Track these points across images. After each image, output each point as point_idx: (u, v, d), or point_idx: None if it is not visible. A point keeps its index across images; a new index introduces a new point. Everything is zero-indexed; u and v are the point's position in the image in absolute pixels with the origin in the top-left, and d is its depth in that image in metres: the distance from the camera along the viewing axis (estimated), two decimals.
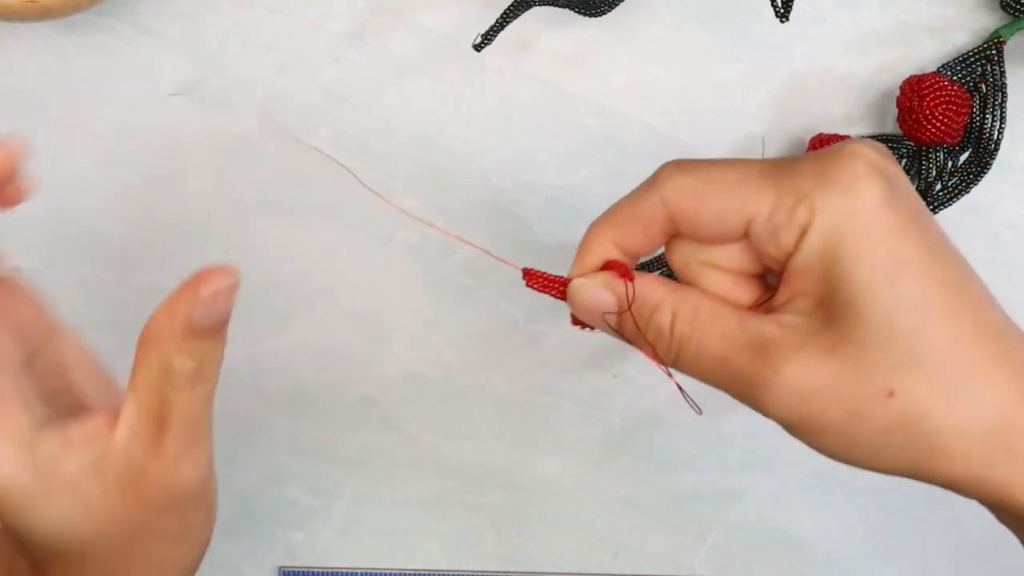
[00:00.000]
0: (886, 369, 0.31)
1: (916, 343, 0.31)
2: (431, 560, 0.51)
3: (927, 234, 0.32)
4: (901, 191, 0.32)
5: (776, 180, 0.33)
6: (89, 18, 0.44)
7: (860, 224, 0.31)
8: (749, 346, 0.33)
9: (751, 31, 0.45)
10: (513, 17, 0.40)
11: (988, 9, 0.45)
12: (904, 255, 0.31)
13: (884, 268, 0.31)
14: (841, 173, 0.32)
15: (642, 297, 0.35)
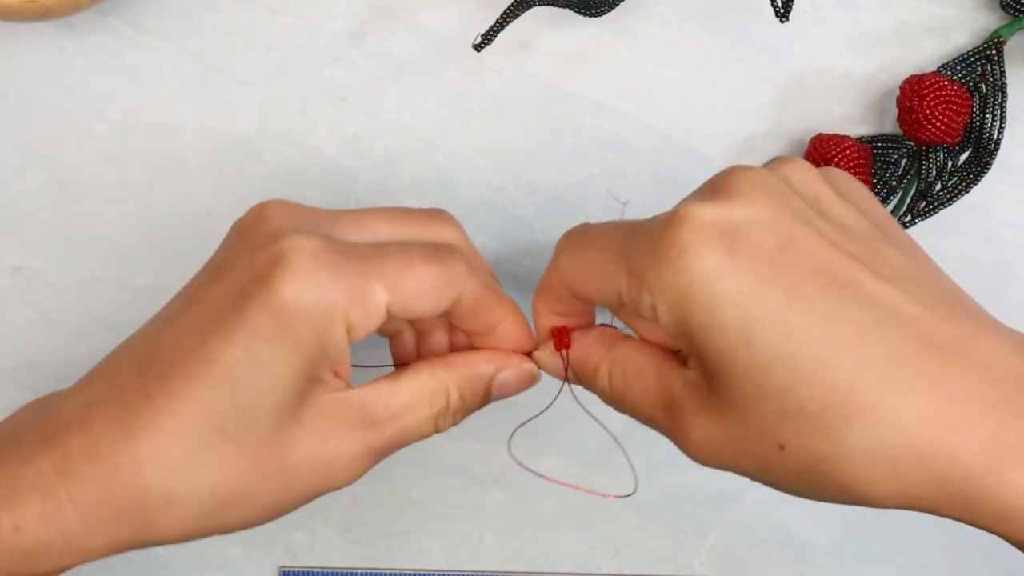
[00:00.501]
0: (768, 425, 0.31)
1: (789, 397, 0.30)
2: (431, 560, 0.51)
3: (783, 278, 0.30)
4: (747, 241, 0.30)
5: (625, 258, 0.33)
6: (89, 18, 0.44)
7: (699, 298, 0.30)
8: (663, 406, 0.34)
9: (751, 31, 0.45)
10: (513, 17, 0.40)
11: (988, 9, 0.45)
12: (752, 316, 0.30)
13: (735, 335, 0.30)
14: (669, 249, 0.30)
15: (581, 362, 0.37)
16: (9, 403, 0.48)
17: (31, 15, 0.40)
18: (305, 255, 0.31)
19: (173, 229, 0.47)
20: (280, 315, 0.31)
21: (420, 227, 0.36)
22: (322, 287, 0.31)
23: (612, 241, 0.34)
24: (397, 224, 0.36)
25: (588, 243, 0.35)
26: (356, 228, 0.35)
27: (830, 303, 0.30)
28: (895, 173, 0.46)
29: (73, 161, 0.46)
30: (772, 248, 0.30)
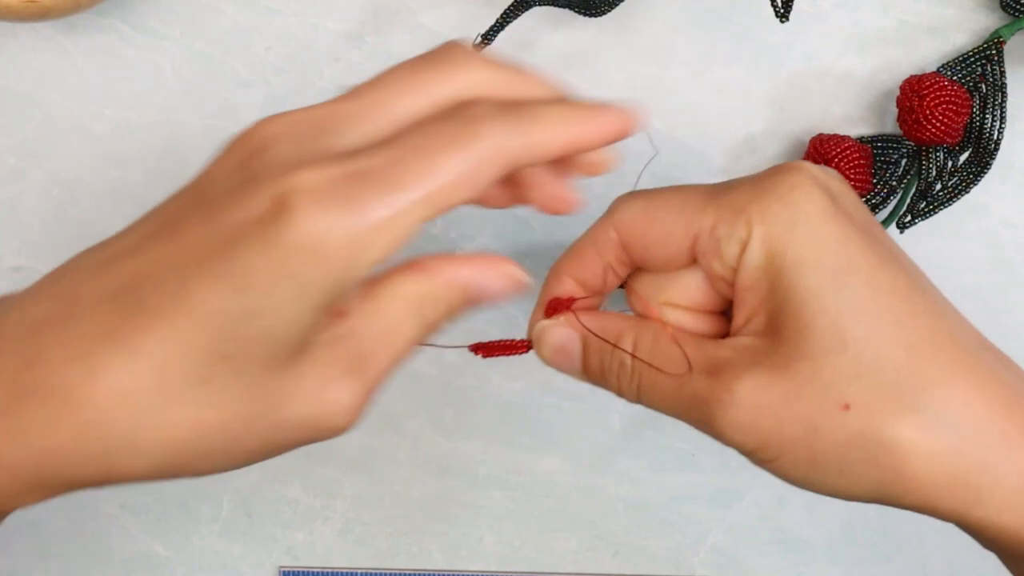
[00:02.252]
0: (840, 380, 0.30)
1: (867, 351, 0.30)
2: (431, 560, 0.51)
3: (874, 243, 0.32)
4: (846, 203, 0.32)
5: (716, 197, 0.33)
6: (89, 18, 0.44)
7: (801, 232, 0.31)
8: (704, 369, 0.32)
9: (751, 31, 0.45)
10: (513, 17, 0.40)
11: (988, 9, 0.45)
12: (849, 261, 0.31)
13: (829, 274, 0.31)
14: (778, 184, 0.32)
15: (604, 330, 0.34)
16: None
17: (31, 15, 0.40)
18: (312, 196, 0.27)
19: None
20: (285, 264, 0.27)
21: (434, 86, 0.31)
22: (337, 230, 0.27)
23: (691, 190, 0.34)
24: (407, 94, 0.31)
25: (661, 192, 0.34)
26: (364, 121, 0.31)
27: (910, 276, 0.32)
28: (895, 173, 0.46)
29: (73, 161, 0.46)
30: (865, 216, 0.33)
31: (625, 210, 0.34)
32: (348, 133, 0.30)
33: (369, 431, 0.49)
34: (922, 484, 0.30)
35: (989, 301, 0.48)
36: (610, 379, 0.35)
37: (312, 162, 0.28)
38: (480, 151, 0.29)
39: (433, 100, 0.31)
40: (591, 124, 0.31)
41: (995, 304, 0.49)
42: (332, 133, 0.30)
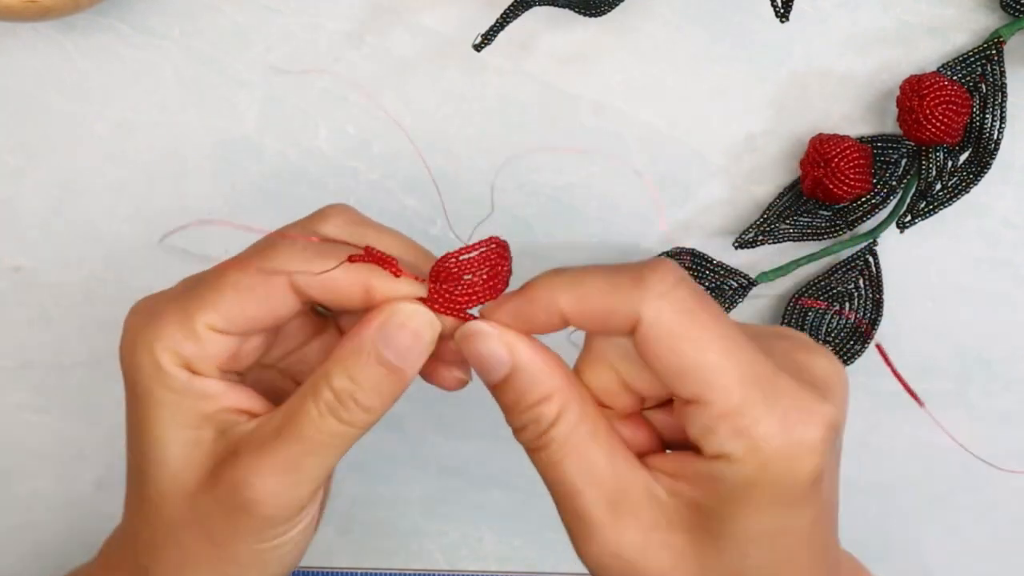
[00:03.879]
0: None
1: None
2: (431, 560, 0.51)
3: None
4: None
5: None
6: (89, 18, 0.44)
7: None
8: (605, 498, 0.31)
9: (751, 31, 0.45)
10: (513, 17, 0.40)
11: (988, 9, 0.45)
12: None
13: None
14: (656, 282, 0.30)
15: (533, 376, 0.31)
16: (9, 403, 0.48)
17: (31, 15, 0.40)
18: (128, 322, 0.34)
19: (173, 229, 0.47)
20: (131, 384, 0.33)
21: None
22: (138, 334, 0.33)
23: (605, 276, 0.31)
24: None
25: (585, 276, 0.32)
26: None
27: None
28: (895, 173, 0.46)
29: (73, 161, 0.46)
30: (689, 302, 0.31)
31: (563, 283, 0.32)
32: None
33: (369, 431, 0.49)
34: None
35: (989, 301, 0.48)
36: (510, 414, 0.33)
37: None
38: (275, 263, 0.32)
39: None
40: (393, 312, 0.32)
41: (995, 304, 0.49)
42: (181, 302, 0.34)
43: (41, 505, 0.49)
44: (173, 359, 0.32)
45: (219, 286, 0.32)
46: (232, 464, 0.32)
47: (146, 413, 0.33)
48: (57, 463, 0.49)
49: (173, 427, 0.32)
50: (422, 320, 0.32)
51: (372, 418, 0.32)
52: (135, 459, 0.34)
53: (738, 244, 0.46)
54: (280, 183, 0.46)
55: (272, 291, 0.32)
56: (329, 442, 0.32)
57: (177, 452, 0.32)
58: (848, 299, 0.47)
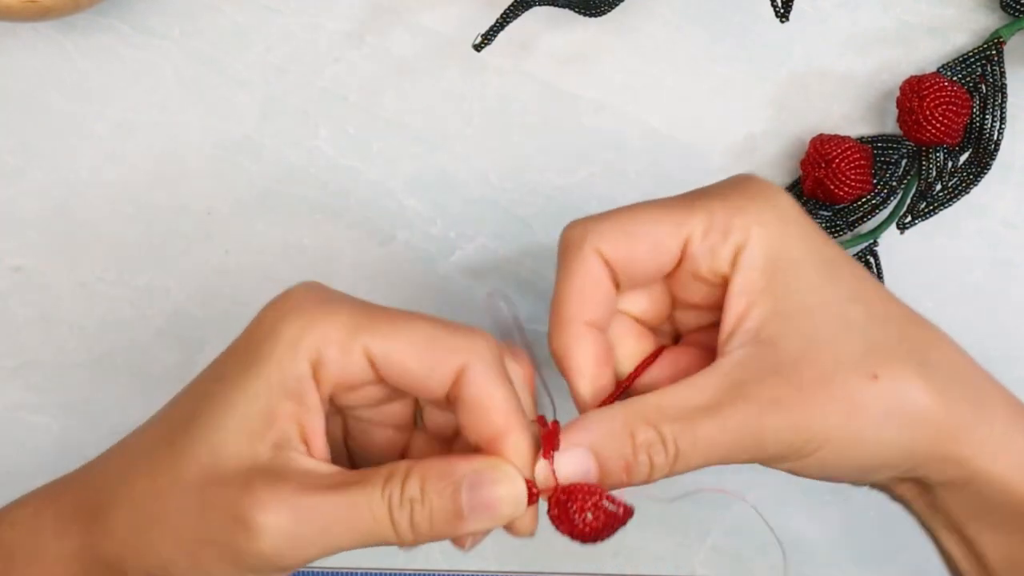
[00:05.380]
0: (859, 356, 0.32)
1: (871, 329, 0.33)
2: (431, 560, 0.51)
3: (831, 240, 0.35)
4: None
5: (701, 204, 0.34)
6: (89, 18, 0.44)
7: (794, 233, 0.34)
8: (729, 396, 0.33)
9: (751, 31, 0.45)
10: (513, 17, 0.40)
11: (988, 9, 0.45)
12: (833, 255, 0.34)
13: (823, 269, 0.33)
14: (763, 189, 0.34)
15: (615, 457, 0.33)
16: (9, 403, 0.48)
17: (31, 15, 0.40)
18: (292, 299, 0.32)
19: (173, 229, 0.47)
20: (252, 340, 0.32)
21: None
22: (299, 306, 0.32)
23: (662, 203, 0.35)
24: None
25: (631, 211, 0.35)
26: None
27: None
28: (895, 173, 0.46)
29: (73, 161, 0.46)
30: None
31: (602, 235, 0.34)
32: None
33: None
34: (944, 437, 0.33)
35: (989, 301, 0.48)
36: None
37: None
38: (455, 342, 0.33)
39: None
40: (492, 470, 0.32)
41: (995, 304, 0.49)
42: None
43: None
44: (310, 352, 0.31)
45: (403, 326, 0.32)
46: (273, 484, 0.31)
47: (248, 381, 0.31)
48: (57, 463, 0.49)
49: (259, 409, 0.31)
50: (512, 493, 0.32)
51: (411, 538, 0.32)
52: (191, 412, 0.32)
53: None
54: (280, 183, 0.46)
55: (438, 367, 0.32)
56: (367, 524, 0.31)
57: (235, 433, 0.31)
58: None
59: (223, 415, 0.31)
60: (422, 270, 0.47)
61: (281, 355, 0.31)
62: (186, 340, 0.48)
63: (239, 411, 0.31)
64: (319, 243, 0.47)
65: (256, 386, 0.31)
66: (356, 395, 0.33)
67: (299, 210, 0.47)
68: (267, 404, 0.31)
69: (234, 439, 0.31)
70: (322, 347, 0.31)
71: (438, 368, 0.32)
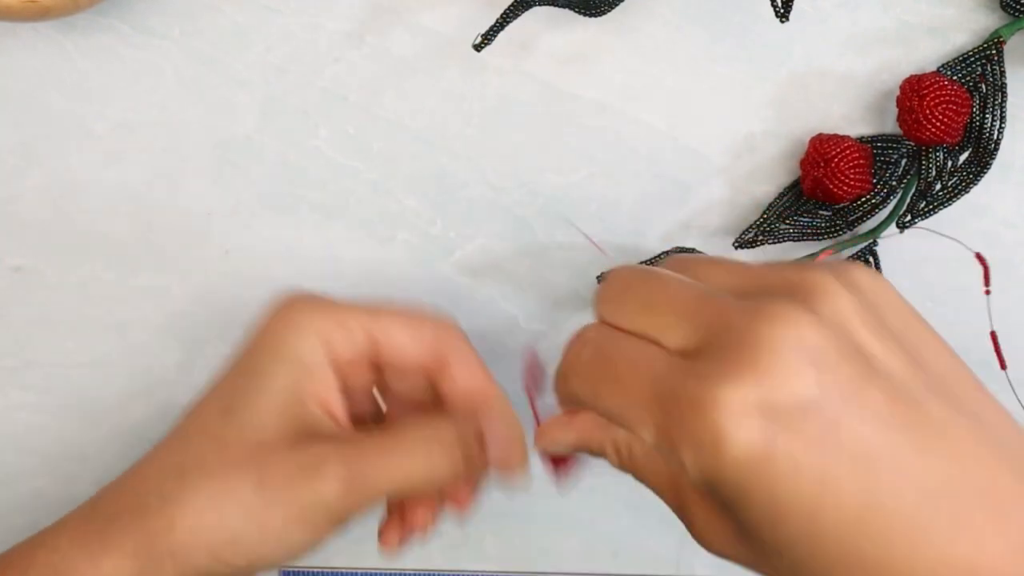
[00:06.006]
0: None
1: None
2: (431, 560, 0.51)
3: (825, 469, 0.26)
4: (788, 426, 0.26)
5: (653, 411, 0.29)
6: (89, 18, 0.44)
7: (731, 482, 0.27)
8: (671, 488, 0.37)
9: (751, 31, 0.45)
10: (513, 17, 0.40)
11: (988, 9, 0.45)
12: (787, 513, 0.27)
13: (766, 522, 0.27)
14: (703, 431, 0.27)
15: (584, 445, 0.39)
16: (9, 403, 0.48)
17: (31, 15, 0.40)
18: (294, 298, 0.38)
19: (173, 229, 0.47)
20: (263, 340, 0.37)
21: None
22: (299, 305, 0.38)
23: (640, 374, 0.29)
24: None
25: (612, 364, 0.30)
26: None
27: (869, 492, 0.26)
28: (895, 173, 0.46)
29: (73, 161, 0.46)
30: (814, 434, 0.26)
31: (579, 377, 0.33)
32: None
33: None
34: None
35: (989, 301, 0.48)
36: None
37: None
38: (440, 326, 0.40)
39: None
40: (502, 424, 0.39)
41: (995, 304, 0.49)
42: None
43: (41, 505, 0.49)
44: (320, 342, 0.37)
45: (393, 311, 0.38)
46: (321, 444, 0.35)
47: (271, 366, 0.36)
48: (57, 463, 0.49)
49: (285, 388, 0.36)
50: (520, 448, 0.39)
51: (450, 474, 0.37)
52: (230, 398, 0.37)
53: (738, 244, 0.46)
54: (280, 183, 0.46)
55: (424, 342, 0.39)
56: (415, 467, 0.36)
57: (276, 409, 0.36)
58: None
59: (258, 400, 0.36)
60: (422, 270, 0.47)
61: (297, 343, 0.36)
62: (186, 340, 0.48)
63: (272, 396, 0.36)
64: (319, 243, 0.47)
65: (282, 372, 0.36)
66: (358, 376, 0.39)
67: (299, 210, 0.47)
68: (294, 386, 0.36)
69: (274, 420, 0.36)
70: (331, 331, 0.37)
71: (424, 342, 0.38)
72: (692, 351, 0.28)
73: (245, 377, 0.37)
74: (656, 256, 0.46)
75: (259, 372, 0.36)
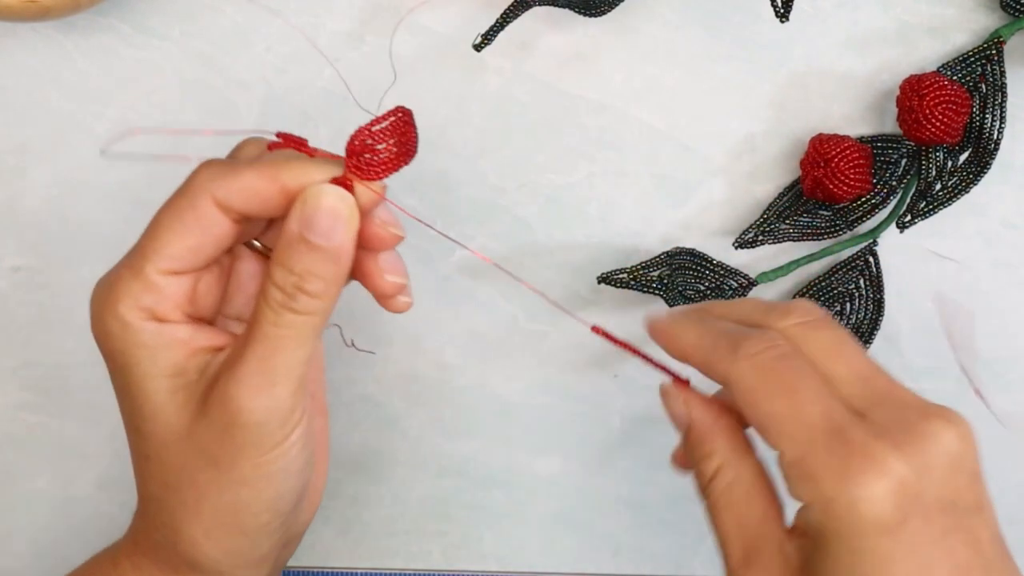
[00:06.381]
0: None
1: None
2: (431, 560, 0.51)
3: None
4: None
5: (819, 458, 0.31)
6: (89, 18, 0.44)
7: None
8: (745, 548, 0.33)
9: (751, 31, 0.45)
10: (513, 17, 0.40)
11: (988, 9, 0.45)
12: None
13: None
14: (851, 504, 0.30)
15: (700, 435, 0.35)
16: (9, 403, 0.48)
17: (31, 15, 0.40)
18: (91, 297, 0.35)
19: None
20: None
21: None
22: (102, 304, 0.34)
23: (817, 400, 0.32)
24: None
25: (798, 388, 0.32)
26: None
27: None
28: (895, 173, 0.46)
29: (73, 161, 0.46)
30: (935, 533, 0.31)
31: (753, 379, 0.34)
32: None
33: (369, 431, 0.49)
34: None
35: (989, 301, 0.48)
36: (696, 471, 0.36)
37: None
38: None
39: None
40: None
41: (995, 304, 0.49)
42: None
43: (41, 505, 0.49)
44: (138, 315, 0.34)
45: (155, 231, 0.34)
46: (214, 387, 0.33)
47: (128, 373, 0.34)
48: (57, 463, 0.49)
49: (155, 378, 0.34)
50: (334, 197, 0.34)
51: (323, 304, 0.34)
52: (130, 423, 0.35)
53: (738, 244, 0.46)
54: None
55: (201, 215, 0.34)
56: (291, 335, 0.33)
57: (165, 399, 0.34)
58: (848, 299, 0.47)
59: (142, 409, 0.34)
60: (422, 270, 0.47)
61: (130, 341, 0.34)
62: None
63: (145, 396, 0.34)
64: None
65: (129, 375, 0.34)
66: (204, 297, 0.36)
67: None
68: (150, 372, 0.34)
69: (171, 410, 0.34)
70: (138, 302, 0.34)
71: (201, 223, 0.34)
72: (859, 413, 0.32)
73: (123, 395, 0.35)
74: (656, 256, 0.46)
75: (126, 385, 0.34)
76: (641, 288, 0.45)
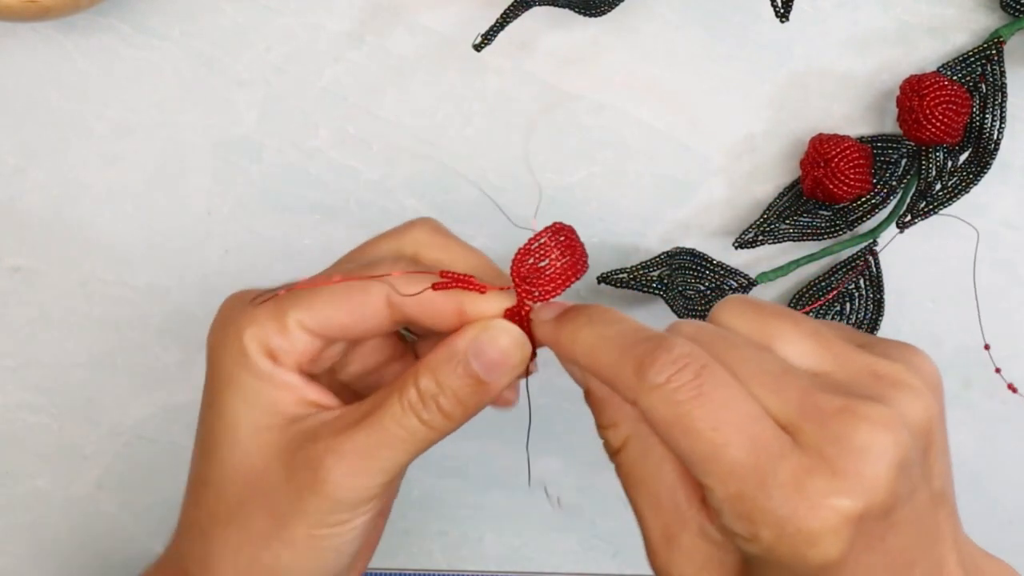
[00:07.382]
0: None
1: None
2: (431, 560, 0.51)
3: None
4: (870, 534, 0.29)
5: (751, 489, 0.29)
6: (89, 18, 0.44)
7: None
8: (664, 525, 0.31)
9: (751, 31, 0.45)
10: (513, 17, 0.40)
11: (988, 9, 0.45)
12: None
13: None
14: (794, 534, 0.28)
15: (602, 401, 0.33)
16: (9, 403, 0.48)
17: (31, 15, 0.40)
18: (223, 306, 0.35)
19: (173, 229, 0.47)
20: (213, 365, 0.34)
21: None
22: (229, 320, 0.34)
23: (744, 423, 0.29)
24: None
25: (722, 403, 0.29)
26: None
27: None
28: (895, 173, 0.46)
29: (73, 161, 0.46)
30: (887, 553, 0.30)
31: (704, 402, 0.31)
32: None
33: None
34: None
35: (989, 301, 0.48)
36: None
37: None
38: (368, 284, 0.34)
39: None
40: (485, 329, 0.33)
41: (995, 304, 0.49)
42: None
43: (41, 505, 0.49)
44: (260, 348, 0.33)
45: (320, 289, 0.34)
46: (311, 444, 0.33)
47: (224, 395, 0.34)
48: (57, 463, 0.49)
49: (249, 409, 0.34)
50: (514, 341, 0.33)
51: (451, 425, 0.33)
52: (204, 443, 0.35)
53: (738, 244, 0.46)
54: (280, 183, 0.46)
55: (369, 303, 0.34)
56: (406, 438, 0.33)
57: (249, 433, 0.34)
58: (848, 299, 0.47)
59: (226, 434, 0.34)
60: None
61: (241, 361, 0.33)
62: (186, 340, 0.48)
63: (238, 423, 0.34)
64: (319, 243, 0.47)
65: (237, 396, 0.34)
66: (324, 360, 0.35)
67: (299, 210, 0.47)
68: (257, 402, 0.34)
69: (255, 445, 0.34)
70: (266, 340, 0.33)
71: (366, 309, 0.34)
72: (789, 429, 0.29)
73: (209, 411, 0.35)
74: (656, 256, 0.46)
75: (217, 403, 0.34)
76: (641, 288, 0.45)
